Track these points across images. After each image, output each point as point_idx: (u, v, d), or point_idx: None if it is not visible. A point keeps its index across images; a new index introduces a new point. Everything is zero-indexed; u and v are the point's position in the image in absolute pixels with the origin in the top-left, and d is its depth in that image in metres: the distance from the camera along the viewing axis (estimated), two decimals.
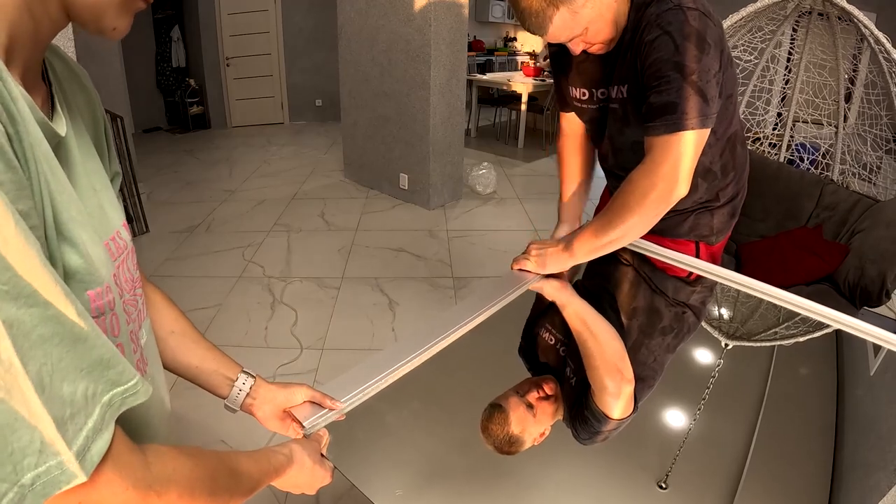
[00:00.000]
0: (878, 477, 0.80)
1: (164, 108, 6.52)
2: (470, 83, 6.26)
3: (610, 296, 1.25)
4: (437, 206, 4.13)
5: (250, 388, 0.75)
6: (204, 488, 0.50)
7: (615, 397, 0.92)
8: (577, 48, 1.04)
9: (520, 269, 1.15)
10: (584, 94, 1.18)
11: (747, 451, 0.84)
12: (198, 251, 3.42)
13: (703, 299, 1.28)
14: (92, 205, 0.53)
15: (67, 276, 0.44)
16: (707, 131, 0.98)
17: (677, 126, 0.96)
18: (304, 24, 6.73)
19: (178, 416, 2.02)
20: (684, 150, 0.97)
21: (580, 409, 0.91)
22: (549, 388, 0.97)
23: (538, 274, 1.15)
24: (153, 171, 4.95)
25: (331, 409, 0.76)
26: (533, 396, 0.95)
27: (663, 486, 0.80)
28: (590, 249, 1.09)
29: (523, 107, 6.00)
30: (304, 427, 0.72)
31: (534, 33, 0.97)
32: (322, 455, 0.71)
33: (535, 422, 0.91)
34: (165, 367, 0.74)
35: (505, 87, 6.19)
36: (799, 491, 0.83)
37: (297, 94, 7.04)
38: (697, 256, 1.26)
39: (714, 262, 1.27)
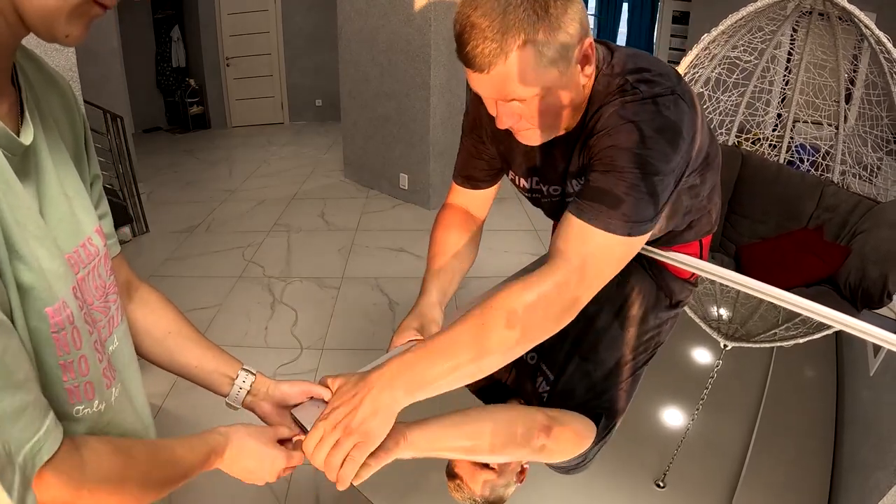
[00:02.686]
0: (877, 477, 0.80)
1: (164, 108, 6.52)
2: None
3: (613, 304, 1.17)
4: (437, 206, 4.13)
5: (251, 385, 0.74)
6: (135, 483, 0.53)
7: (552, 454, 0.80)
8: (505, 121, 0.77)
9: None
10: (533, 185, 0.97)
11: (746, 450, 0.84)
12: (198, 251, 3.42)
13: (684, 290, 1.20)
14: (63, 211, 0.53)
15: (23, 294, 0.45)
16: (638, 242, 0.75)
17: (610, 225, 0.72)
18: (304, 24, 6.73)
19: (177, 416, 2.02)
20: (605, 253, 0.73)
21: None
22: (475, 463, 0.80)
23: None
24: (153, 171, 4.95)
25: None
26: (462, 474, 0.79)
27: (661, 485, 0.80)
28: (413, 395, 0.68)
29: None
30: (306, 430, 0.70)
31: (468, 64, 0.69)
32: (284, 441, 0.70)
33: (499, 474, 0.79)
34: (165, 367, 0.74)
35: None
36: (798, 491, 0.83)
37: (297, 94, 7.04)
38: (701, 254, 1.25)
39: (704, 250, 1.24)
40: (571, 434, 0.81)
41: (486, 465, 0.80)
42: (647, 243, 1.22)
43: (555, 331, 0.72)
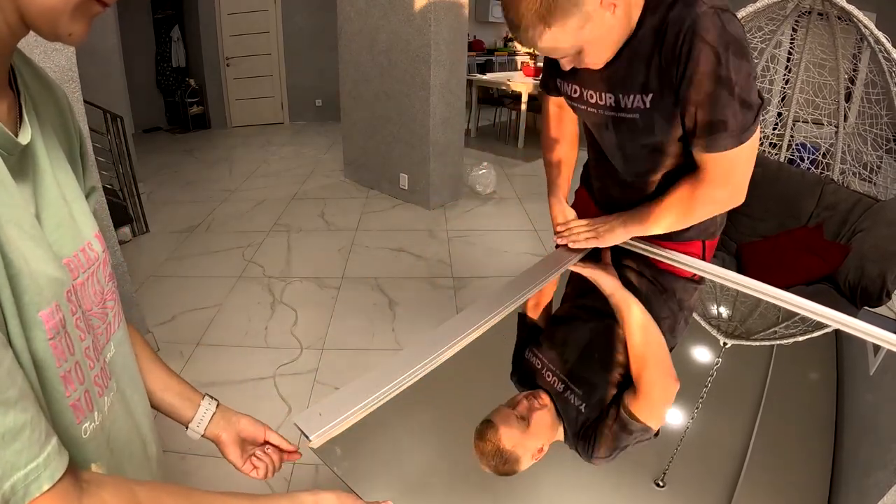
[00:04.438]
0: (877, 477, 0.79)
1: (164, 108, 6.52)
2: (470, 83, 6.26)
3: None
4: (437, 206, 4.13)
5: (214, 410, 0.74)
6: None
7: (661, 402, 0.89)
8: (566, 65, 0.99)
9: (567, 247, 1.20)
10: (582, 95, 1.12)
11: (746, 450, 0.84)
12: (198, 251, 3.42)
13: (696, 299, 1.27)
14: (62, 215, 0.52)
15: (16, 297, 0.43)
16: (757, 136, 0.99)
17: (729, 143, 0.96)
18: (304, 24, 6.73)
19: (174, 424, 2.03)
20: (738, 163, 1.00)
21: (596, 425, 0.86)
22: (544, 400, 0.91)
23: (585, 249, 1.20)
24: (153, 171, 4.95)
25: (287, 456, 0.77)
26: (524, 407, 0.89)
27: (660, 484, 0.79)
28: (641, 232, 1.16)
29: (523, 107, 6.00)
30: (308, 437, 0.70)
31: (523, 45, 0.93)
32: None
33: (529, 435, 0.86)
34: None
35: (505, 87, 6.19)
36: (798, 490, 0.83)
37: (297, 94, 7.05)
38: (703, 255, 1.25)
39: (709, 253, 1.28)
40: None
41: (521, 417, 0.87)
42: (645, 241, 1.22)
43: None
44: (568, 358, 1.02)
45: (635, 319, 1.08)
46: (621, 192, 1.23)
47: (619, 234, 1.18)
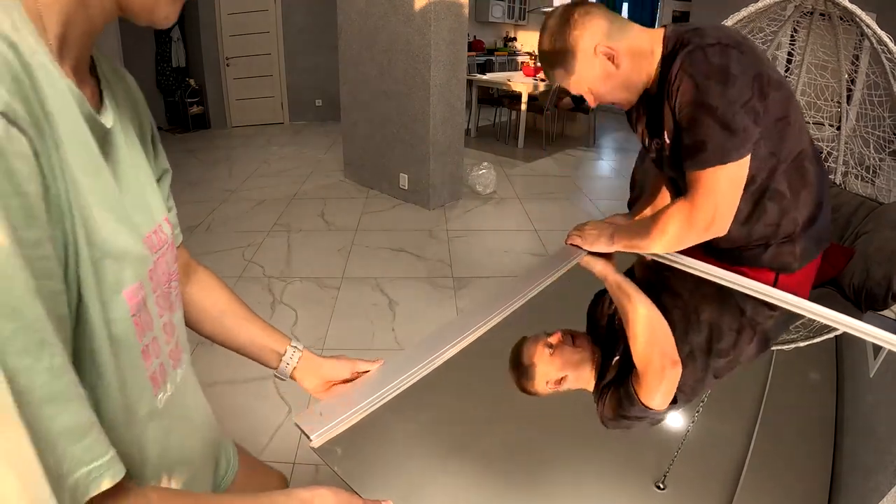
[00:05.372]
0: (877, 479, 0.79)
1: (164, 108, 6.52)
2: (470, 83, 6.26)
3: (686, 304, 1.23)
4: (437, 206, 4.13)
5: (297, 360, 0.81)
6: None
7: (655, 382, 0.91)
8: (590, 101, 1.16)
9: (571, 244, 1.29)
10: (643, 140, 1.26)
11: (746, 452, 0.84)
12: (198, 251, 3.42)
13: (775, 324, 1.18)
14: (137, 197, 0.53)
15: (101, 276, 0.43)
16: (741, 162, 1.01)
17: (706, 163, 1.01)
18: (304, 24, 6.73)
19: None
20: (718, 186, 1.03)
21: (616, 387, 0.89)
22: (578, 339, 1.00)
23: (585, 250, 1.27)
24: None
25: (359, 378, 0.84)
26: (556, 338, 0.97)
27: (661, 486, 0.79)
28: (625, 247, 1.23)
29: (523, 107, 6.00)
30: (309, 437, 0.71)
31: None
32: None
33: (549, 361, 0.94)
34: (220, 343, 0.80)
35: (505, 87, 6.19)
36: (798, 492, 0.83)
37: (297, 94, 7.05)
38: (774, 286, 1.19)
39: (801, 288, 1.23)
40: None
41: (549, 345, 0.97)
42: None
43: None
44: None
45: (633, 303, 1.11)
46: None
47: (602, 244, 1.25)
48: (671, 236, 1.12)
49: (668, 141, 1.13)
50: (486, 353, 1.00)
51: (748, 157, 1.02)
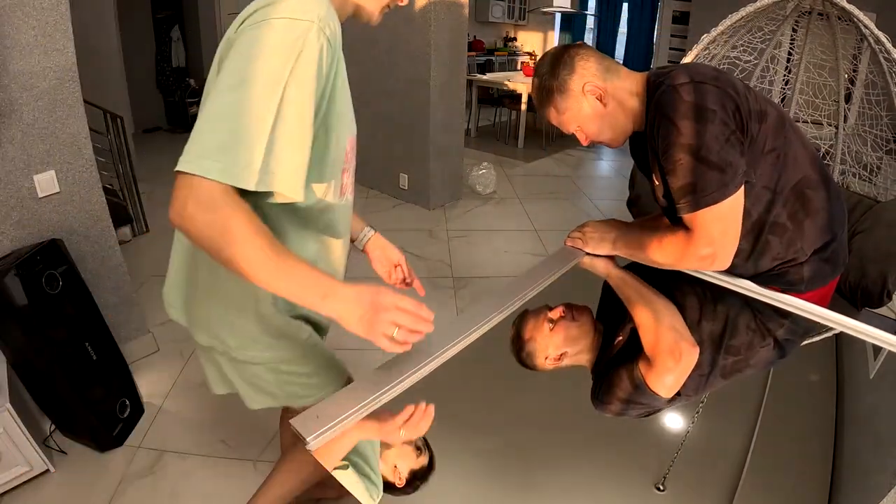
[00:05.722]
0: (877, 479, 0.80)
1: (164, 108, 6.51)
2: (470, 83, 6.25)
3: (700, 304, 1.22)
4: (437, 206, 4.13)
5: (370, 237, 1.21)
6: (244, 244, 0.68)
7: (670, 365, 0.90)
8: (581, 140, 1.18)
9: (572, 246, 1.31)
10: (651, 182, 1.25)
11: (746, 453, 0.84)
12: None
13: (790, 334, 1.16)
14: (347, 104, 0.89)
15: (339, 129, 0.83)
16: (734, 197, 0.99)
17: (697, 205, 0.99)
18: None
19: (177, 415, 2.02)
20: (711, 225, 1.01)
21: (618, 369, 0.90)
22: (579, 315, 1.02)
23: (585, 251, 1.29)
24: (153, 171, 4.94)
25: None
26: (556, 313, 0.99)
27: (661, 488, 0.79)
28: (626, 255, 1.25)
29: (523, 107, 6.00)
30: (305, 441, 0.70)
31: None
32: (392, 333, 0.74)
33: (548, 336, 0.96)
34: None
35: (505, 87, 6.18)
36: (798, 493, 0.83)
37: None
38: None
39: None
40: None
41: (550, 320, 0.99)
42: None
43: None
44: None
45: (640, 293, 1.12)
46: None
47: (604, 249, 1.28)
48: (671, 263, 1.11)
49: (657, 182, 1.13)
50: (486, 354, 1.00)
51: (741, 189, 1.00)
